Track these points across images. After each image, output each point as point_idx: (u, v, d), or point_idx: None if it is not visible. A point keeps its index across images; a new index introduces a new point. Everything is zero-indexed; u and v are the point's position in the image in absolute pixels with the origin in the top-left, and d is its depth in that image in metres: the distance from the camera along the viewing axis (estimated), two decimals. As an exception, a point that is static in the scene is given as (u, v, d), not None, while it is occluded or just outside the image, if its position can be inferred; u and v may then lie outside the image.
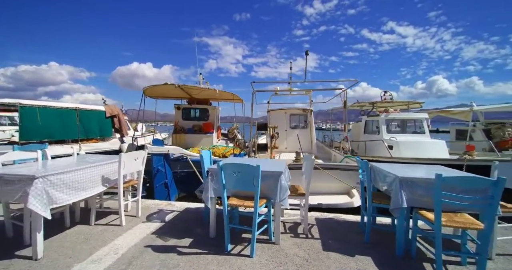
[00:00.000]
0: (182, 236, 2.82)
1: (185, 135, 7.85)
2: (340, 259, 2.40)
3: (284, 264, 2.27)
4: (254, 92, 6.67)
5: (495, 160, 3.78)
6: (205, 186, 2.70)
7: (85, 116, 9.75)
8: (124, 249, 2.50)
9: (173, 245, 2.60)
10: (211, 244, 2.64)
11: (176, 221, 3.26)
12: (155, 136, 13.99)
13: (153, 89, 6.85)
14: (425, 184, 2.36)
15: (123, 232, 2.90)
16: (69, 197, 2.51)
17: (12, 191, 2.23)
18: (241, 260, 2.34)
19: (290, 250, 2.53)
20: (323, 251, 2.53)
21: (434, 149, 6.80)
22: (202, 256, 2.40)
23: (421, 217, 2.34)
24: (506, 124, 7.99)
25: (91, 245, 2.58)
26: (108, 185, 3.03)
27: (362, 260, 2.39)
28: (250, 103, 6.78)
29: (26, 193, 2.17)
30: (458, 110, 8.75)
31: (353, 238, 2.86)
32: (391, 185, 2.58)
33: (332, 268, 2.23)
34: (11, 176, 2.22)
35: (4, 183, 2.23)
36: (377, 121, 8.02)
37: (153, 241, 2.69)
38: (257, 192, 2.35)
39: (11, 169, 2.42)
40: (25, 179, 2.20)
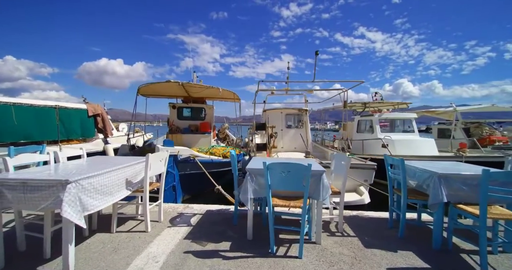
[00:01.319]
0: (217, 239, 2.69)
1: (181, 135, 7.54)
2: (385, 255, 2.43)
3: (336, 264, 2.25)
4: (257, 91, 6.59)
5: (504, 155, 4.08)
6: (244, 187, 2.60)
7: (66, 115, 9.00)
8: (162, 256, 2.32)
9: (213, 250, 2.47)
10: (251, 246, 2.55)
11: (203, 224, 3.10)
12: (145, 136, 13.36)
13: (150, 87, 6.48)
14: (462, 179, 2.47)
15: (152, 238, 2.69)
16: (99, 203, 2.27)
17: (39, 199, 1.96)
18: (291, 261, 2.27)
19: (334, 249, 2.52)
20: (366, 249, 2.55)
21: (425, 147, 7.24)
22: (250, 259, 2.30)
23: (460, 210, 2.45)
24: (483, 124, 8.75)
25: (123, 254, 2.36)
26: (132, 188, 2.79)
27: (406, 255, 2.44)
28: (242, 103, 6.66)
29: (59, 199, 1.91)
30: (442, 110, 9.41)
31: (386, 234, 2.92)
32: (426, 181, 2.67)
33: (383, 265, 2.26)
34: (38, 181, 1.95)
35: (29, 189, 1.95)
36: (371, 121, 8.35)
37: (189, 246, 2.52)
38: (306, 191, 2.30)
39: (34, 174, 2.12)
40: (56, 184, 1.95)
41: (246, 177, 2.61)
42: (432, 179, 2.56)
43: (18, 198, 1.96)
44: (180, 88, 6.57)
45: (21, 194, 1.96)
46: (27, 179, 1.96)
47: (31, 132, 7.90)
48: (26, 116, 7.77)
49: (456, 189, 2.50)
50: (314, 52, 5.40)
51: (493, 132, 8.62)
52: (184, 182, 5.10)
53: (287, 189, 2.46)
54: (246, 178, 2.60)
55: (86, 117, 9.85)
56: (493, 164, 3.72)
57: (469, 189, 2.47)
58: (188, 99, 8.19)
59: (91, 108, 10.07)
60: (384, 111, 8.19)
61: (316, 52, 5.38)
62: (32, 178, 1.97)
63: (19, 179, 1.96)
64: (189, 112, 8.25)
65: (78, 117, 9.53)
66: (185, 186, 5.15)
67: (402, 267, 2.24)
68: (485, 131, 8.46)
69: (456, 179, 2.50)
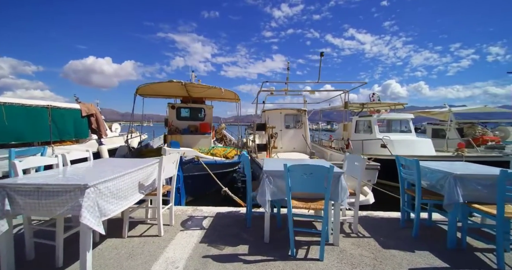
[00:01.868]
0: (234, 242, 2.64)
1: (181, 135, 7.41)
2: (403, 255, 2.44)
3: (358, 266, 2.25)
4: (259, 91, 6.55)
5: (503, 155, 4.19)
6: (262, 189, 2.55)
7: (58, 116, 8.70)
8: (181, 262, 2.25)
9: (232, 254, 2.42)
10: (270, 249, 2.51)
11: (216, 227, 3.04)
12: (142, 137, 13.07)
13: (150, 87, 6.33)
14: (478, 180, 2.52)
15: (167, 243, 2.62)
16: (115, 208, 2.18)
17: (54, 204, 1.86)
18: (313, 264, 2.25)
19: (352, 251, 2.52)
20: (384, 249, 2.56)
21: (423, 147, 7.39)
22: (271, 263, 2.26)
23: (475, 210, 2.50)
24: (475, 124, 9.02)
25: (140, 260, 2.27)
26: (144, 192, 2.70)
27: (423, 255, 2.46)
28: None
29: (77, 205, 1.82)
30: (437, 111, 9.65)
31: (400, 234, 2.95)
32: (440, 181, 2.71)
33: (404, 265, 2.27)
34: (54, 186, 1.85)
35: (44, 195, 1.85)
36: (369, 121, 8.46)
37: (207, 251, 2.46)
38: (328, 193, 2.29)
39: (48, 179, 2.02)
40: (74, 189, 1.85)
41: (263, 179, 2.57)
42: (447, 179, 2.59)
43: (31, 204, 1.86)
44: (182, 88, 6.45)
45: (35, 200, 1.86)
46: (42, 184, 1.85)
47: (23, 133, 7.59)
48: (17, 116, 7.47)
49: (471, 189, 2.53)
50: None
51: (485, 132, 8.91)
52: (188, 184, 5.01)
53: (307, 191, 2.44)
54: (263, 180, 2.56)
55: (79, 118, 9.56)
56: (492, 163, 3.82)
57: (483, 189, 2.52)
58: (187, 99, 8.06)
59: (85, 108, 9.78)
60: (383, 112, 8.33)
61: (321, 53, 5.39)
62: (47, 182, 1.87)
63: (33, 184, 1.86)
64: (188, 112, 8.12)
65: (71, 118, 9.23)
66: (188, 187, 5.06)
67: (423, 267, 2.25)
68: (478, 132, 8.74)
69: (471, 179, 2.54)
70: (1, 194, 1.84)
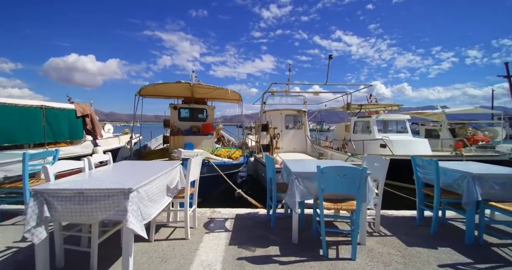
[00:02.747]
0: (263, 244, 2.66)
1: (183, 136, 7.31)
2: (428, 252, 2.55)
3: (390, 264, 2.32)
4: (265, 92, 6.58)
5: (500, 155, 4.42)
6: (291, 190, 2.59)
7: (53, 116, 8.38)
8: (217, 264, 2.25)
9: (265, 255, 2.44)
10: (300, 250, 2.55)
11: (240, 229, 3.05)
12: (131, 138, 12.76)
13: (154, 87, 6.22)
14: (495, 179, 2.66)
15: (196, 245, 2.60)
16: (152, 211, 2.15)
17: (97, 209, 1.81)
18: (347, 263, 2.31)
19: (380, 249, 2.59)
20: (408, 247, 2.65)
21: (420, 147, 7.66)
22: (306, 263, 2.30)
23: (493, 207, 2.64)
24: (466, 125, 9.44)
25: (175, 264, 2.25)
26: (171, 194, 2.67)
27: (446, 251, 2.58)
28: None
29: (123, 210, 1.79)
30: (431, 112, 10.04)
31: (418, 231, 3.06)
32: (457, 181, 2.85)
33: (432, 262, 2.36)
34: (98, 190, 1.81)
35: (86, 200, 1.80)
36: (368, 122, 8.67)
37: (239, 253, 2.47)
38: (360, 194, 2.35)
39: (86, 183, 1.97)
40: (117, 193, 1.82)
41: (292, 180, 2.60)
42: (465, 179, 2.72)
43: (72, 209, 1.81)
44: (186, 89, 6.38)
45: (76, 205, 1.80)
46: (84, 189, 1.81)
47: (16, 134, 7.27)
48: (9, 117, 7.16)
49: (487, 187, 2.68)
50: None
51: (476, 132, 9.36)
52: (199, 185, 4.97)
53: (340, 192, 2.50)
54: (292, 182, 2.60)
55: (74, 118, 9.24)
56: (490, 162, 4.02)
57: (500, 187, 2.67)
58: (189, 100, 7.97)
59: (80, 109, 9.46)
60: (381, 113, 8.57)
61: (330, 56, 5.49)
62: (90, 187, 1.82)
63: (75, 189, 1.80)
64: (190, 113, 8.03)
65: (66, 118, 8.91)
66: (199, 189, 5.02)
67: (449, 263, 2.36)
68: (469, 132, 9.17)
69: (488, 179, 2.68)
70: (39, 200, 1.78)
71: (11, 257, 2.34)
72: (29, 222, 1.71)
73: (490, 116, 15.51)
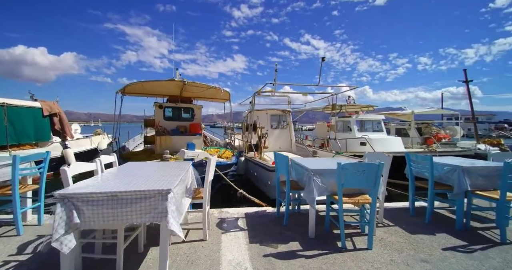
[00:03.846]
0: (282, 240, 2.72)
1: (171, 136, 7.04)
2: (430, 238, 2.82)
3: (402, 250, 2.54)
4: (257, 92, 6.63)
5: (467, 150, 5.00)
6: (309, 187, 2.69)
7: (16, 115, 7.53)
8: (246, 263, 2.26)
9: (288, 251, 2.50)
10: (319, 244, 2.66)
11: (256, 227, 3.06)
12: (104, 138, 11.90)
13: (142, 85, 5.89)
14: (480, 171, 3.04)
15: (217, 246, 2.57)
16: (182, 212, 2.09)
17: (132, 213, 1.72)
18: (366, 253, 2.47)
19: (389, 238, 2.81)
20: (412, 235, 2.91)
21: (395, 144, 8.35)
22: (329, 256, 2.41)
23: (480, 196, 3.02)
24: (430, 124, 10.50)
25: (204, 265, 2.21)
26: (189, 195, 2.60)
27: (443, 236, 2.88)
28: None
29: (164, 211, 1.72)
30: (401, 113, 10.96)
31: (414, 221, 3.36)
32: (447, 174, 3.20)
33: (436, 246, 2.63)
34: (134, 193, 1.71)
35: (120, 203, 1.70)
36: (349, 122, 9.20)
37: (263, 250, 2.50)
38: (376, 188, 2.53)
39: (123, 186, 1.84)
40: (155, 194, 1.75)
41: (310, 177, 2.70)
42: (456, 172, 3.08)
43: (103, 214, 1.69)
44: (176, 88, 6.15)
45: (109, 209, 1.69)
46: (117, 191, 1.70)
47: (-29, 135, 6.38)
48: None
49: (474, 179, 3.05)
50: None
51: (439, 131, 10.47)
52: None
53: (358, 187, 2.66)
54: (310, 179, 2.69)
55: (40, 118, 8.36)
56: (461, 157, 4.57)
57: (483, 178, 3.06)
58: (175, 99, 7.68)
59: (47, 107, 8.59)
60: (360, 113, 9.16)
61: (323, 58, 5.73)
62: (124, 189, 1.71)
63: (108, 192, 1.69)
64: (177, 112, 7.75)
65: (31, 117, 8.03)
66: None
67: (450, 246, 2.65)
68: (433, 131, 10.22)
69: (475, 171, 3.05)
70: (66, 206, 1.63)
71: (14, 272, 2.09)
72: (57, 230, 1.56)
73: (440, 117, 17.37)
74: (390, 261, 2.33)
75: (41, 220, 3.05)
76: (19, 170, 2.68)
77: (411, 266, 2.25)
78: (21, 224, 2.78)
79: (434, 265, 2.28)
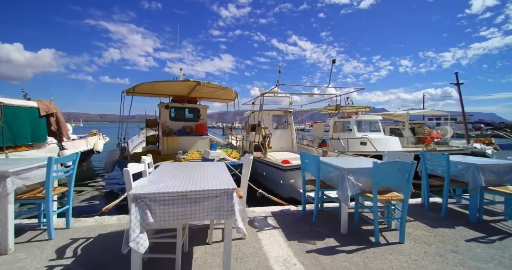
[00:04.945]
0: (318, 237, 2.83)
1: (178, 137, 6.98)
2: (451, 231, 3.03)
3: (431, 243, 2.71)
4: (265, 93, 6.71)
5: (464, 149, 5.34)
6: (343, 185, 2.81)
7: (12, 115, 7.21)
8: (292, 259, 2.35)
9: (328, 247, 2.61)
10: (353, 239, 2.79)
11: (287, 225, 3.15)
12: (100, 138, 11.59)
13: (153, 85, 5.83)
14: (492, 168, 3.29)
15: (257, 243, 2.64)
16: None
17: (200, 211, 1.77)
18: (400, 246, 2.63)
19: (415, 232, 2.99)
20: (434, 228, 3.11)
21: (393, 143, 8.70)
22: (367, 250, 2.55)
23: (492, 191, 3.27)
24: (423, 125, 11.02)
25: (253, 262, 2.28)
26: (229, 195, 2.65)
27: (462, 229, 3.09)
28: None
29: (231, 209, 1.78)
30: (397, 113, 11.42)
31: (431, 215, 3.57)
32: (462, 171, 3.43)
33: (458, 238, 2.83)
34: (202, 192, 1.76)
35: (189, 202, 1.74)
36: (348, 122, 9.48)
37: (303, 247, 2.60)
38: (409, 185, 2.69)
39: (189, 186, 1.88)
40: (221, 193, 1.80)
41: (344, 176, 2.83)
42: (471, 169, 3.31)
43: (173, 213, 1.72)
44: (186, 88, 6.12)
45: (179, 208, 1.73)
46: (187, 191, 1.74)
47: (-34, 136, 6.06)
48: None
49: (487, 175, 3.30)
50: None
51: (431, 131, 11.02)
52: None
53: (392, 185, 2.80)
54: (344, 177, 2.82)
55: (37, 118, 8.03)
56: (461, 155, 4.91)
57: (494, 175, 3.31)
58: (181, 99, 7.63)
59: (43, 107, 8.25)
60: (359, 114, 9.47)
61: (334, 60, 5.90)
62: (192, 189, 1.76)
63: (178, 192, 1.72)
64: (183, 113, 7.69)
65: (27, 118, 7.70)
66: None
67: (472, 238, 2.86)
68: (426, 131, 10.74)
69: (487, 168, 3.30)
70: (140, 206, 1.66)
71: (64, 275, 2.07)
72: (134, 230, 1.59)
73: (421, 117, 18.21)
74: (424, 253, 2.50)
75: (69, 223, 3.00)
76: (53, 171, 2.64)
77: (445, 257, 2.43)
78: (53, 228, 2.73)
79: (463, 255, 2.47)
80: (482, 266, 2.28)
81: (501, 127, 32.21)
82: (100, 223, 3.14)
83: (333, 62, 6.03)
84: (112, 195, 7.04)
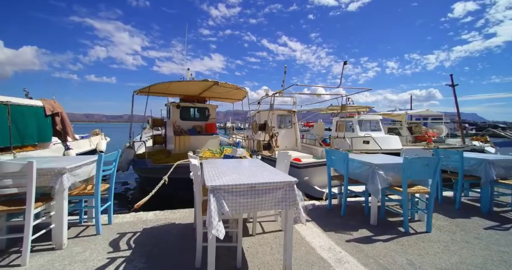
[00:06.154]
0: (350, 228, 3.02)
1: (189, 136, 7.05)
2: (468, 221, 3.29)
3: (454, 232, 2.95)
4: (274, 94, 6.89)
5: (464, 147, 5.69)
6: (374, 180, 3.02)
7: (19, 115, 7.10)
8: (336, 247, 2.53)
9: (363, 237, 2.80)
10: (384, 229, 2.99)
11: (319, 218, 3.31)
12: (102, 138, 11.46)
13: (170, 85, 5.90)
14: (500, 163, 3.58)
15: (297, 234, 2.80)
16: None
17: (266, 202, 1.92)
18: (428, 235, 2.86)
19: (437, 223, 3.23)
20: (453, 219, 3.36)
21: (394, 142, 9.05)
22: (400, 239, 2.76)
23: (503, 184, 3.56)
24: (419, 124, 11.48)
25: (300, 250, 2.44)
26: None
27: (477, 220, 3.36)
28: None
29: (293, 201, 1.94)
30: (396, 113, 11.84)
31: (446, 207, 3.83)
32: (474, 166, 3.71)
33: (478, 227, 3.09)
34: (268, 184, 1.91)
35: (257, 194, 1.89)
36: (351, 122, 9.79)
37: (341, 237, 2.78)
38: (435, 179, 2.93)
39: (252, 178, 2.03)
40: (285, 185, 1.96)
41: (374, 171, 3.04)
42: (483, 164, 3.59)
43: (242, 204, 1.87)
44: (198, 88, 6.21)
45: (248, 199, 1.88)
46: (255, 183, 1.89)
47: (-26, 136, 5.95)
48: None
49: (497, 170, 3.59)
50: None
51: (427, 130, 11.49)
52: None
53: (421, 178, 3.03)
54: (374, 172, 3.03)
55: (43, 117, 7.92)
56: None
57: (503, 169, 3.61)
58: (191, 99, 7.70)
59: (49, 106, 8.15)
60: (361, 113, 9.79)
61: (345, 62, 6.13)
62: (258, 181, 1.91)
63: (248, 184, 1.87)
64: (193, 112, 7.76)
65: (34, 117, 7.60)
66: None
67: (489, 226, 3.13)
68: (423, 130, 11.21)
69: (498, 163, 3.59)
70: (216, 197, 1.80)
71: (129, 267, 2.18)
72: (214, 218, 1.73)
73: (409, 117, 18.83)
74: (452, 240, 2.73)
75: (111, 219, 3.08)
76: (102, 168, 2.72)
77: (470, 243, 2.67)
78: (101, 223, 2.81)
79: (486, 241, 2.72)
80: (506, 249, 2.53)
81: (485, 127, 33.62)
82: (139, 219, 3.24)
83: (345, 63, 6.27)
84: (122, 194, 7.08)
